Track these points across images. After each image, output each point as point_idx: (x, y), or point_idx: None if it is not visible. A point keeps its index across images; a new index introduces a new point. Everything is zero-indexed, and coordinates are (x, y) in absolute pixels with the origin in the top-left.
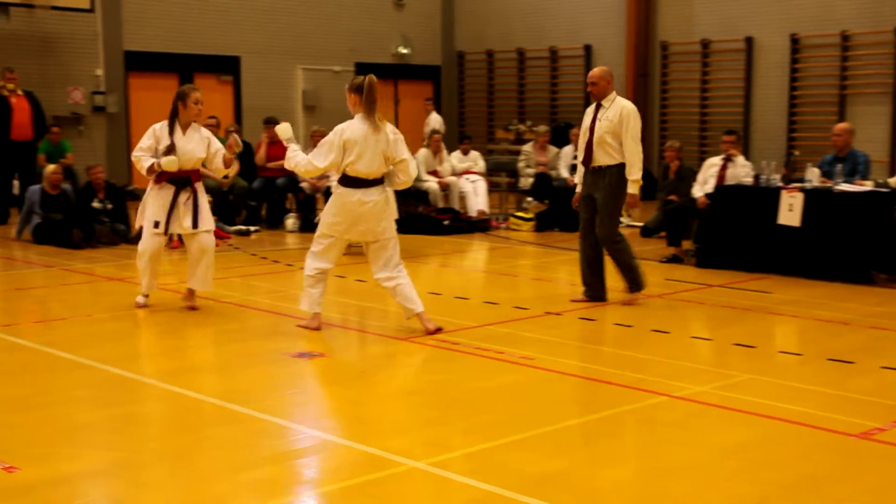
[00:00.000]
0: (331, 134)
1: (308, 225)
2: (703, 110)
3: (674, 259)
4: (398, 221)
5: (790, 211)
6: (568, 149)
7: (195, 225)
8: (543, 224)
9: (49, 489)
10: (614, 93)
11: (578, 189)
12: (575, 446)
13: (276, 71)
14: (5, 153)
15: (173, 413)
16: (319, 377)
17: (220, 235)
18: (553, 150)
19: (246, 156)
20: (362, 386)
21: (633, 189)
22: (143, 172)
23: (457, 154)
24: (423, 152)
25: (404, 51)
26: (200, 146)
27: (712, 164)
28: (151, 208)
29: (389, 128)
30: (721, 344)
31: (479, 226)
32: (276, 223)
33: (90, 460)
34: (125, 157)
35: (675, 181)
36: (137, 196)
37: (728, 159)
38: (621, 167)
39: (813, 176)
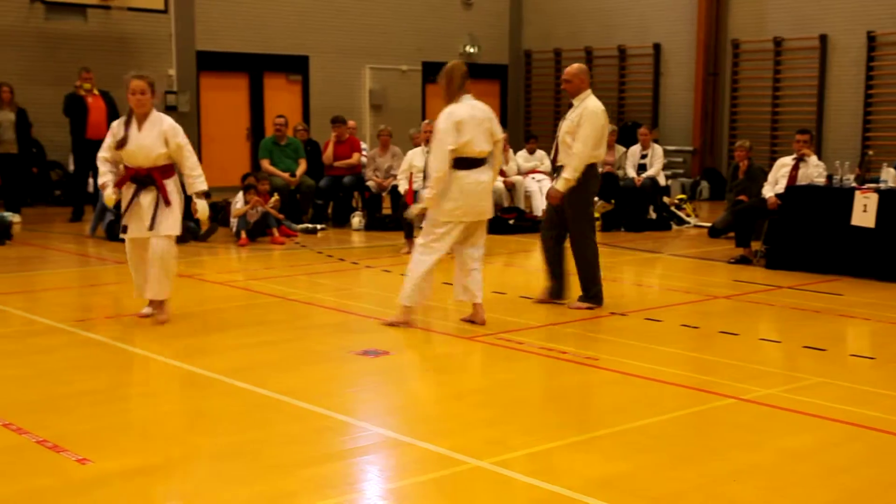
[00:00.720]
0: (440, 122)
1: (374, 223)
2: (775, 109)
3: (742, 260)
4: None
5: (864, 212)
6: (635, 148)
7: (151, 227)
8: (609, 224)
9: (121, 481)
10: (587, 92)
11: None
12: (639, 449)
13: (343, 70)
14: (81, 152)
15: (240, 409)
16: (384, 375)
17: (286, 233)
18: (620, 149)
19: (313, 155)
20: (426, 384)
21: (559, 184)
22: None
23: (523, 153)
24: None
25: (472, 50)
26: (158, 141)
27: (784, 164)
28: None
29: (486, 106)
30: (790, 346)
31: None
32: (342, 221)
33: (161, 454)
34: (196, 156)
35: (744, 181)
36: (208, 194)
37: (800, 159)
38: (586, 167)
39: (888, 176)
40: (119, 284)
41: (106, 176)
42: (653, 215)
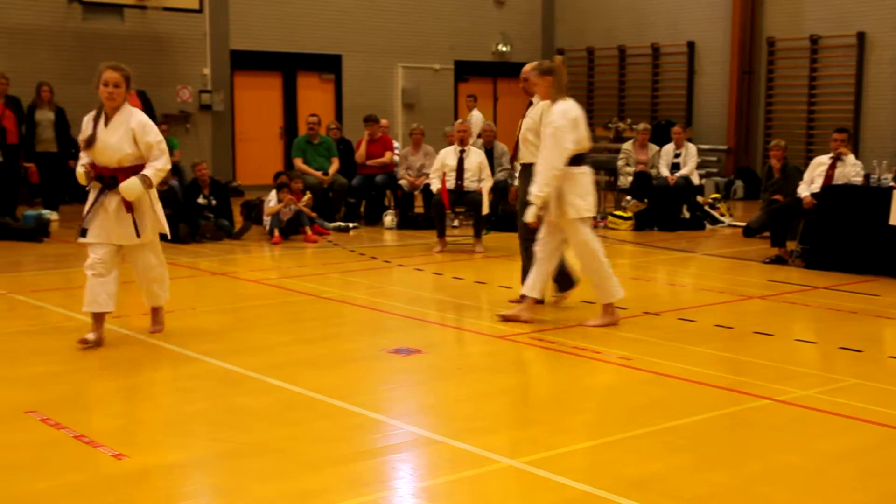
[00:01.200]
0: (557, 119)
1: (406, 221)
2: (811, 108)
3: (777, 260)
4: (496, 220)
5: None
6: (668, 147)
7: (138, 234)
8: (642, 223)
9: (156, 477)
10: None
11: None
12: (673, 449)
13: (376, 69)
14: None
15: (274, 406)
16: (416, 373)
17: (319, 232)
18: (653, 148)
19: (346, 153)
20: (458, 383)
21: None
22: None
23: None
24: None
25: (504, 48)
26: (125, 140)
27: (820, 164)
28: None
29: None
30: (826, 347)
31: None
32: (374, 220)
33: (195, 450)
34: (230, 155)
35: (780, 180)
36: (241, 192)
37: (837, 158)
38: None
39: None
40: None
41: (84, 158)
42: (686, 215)
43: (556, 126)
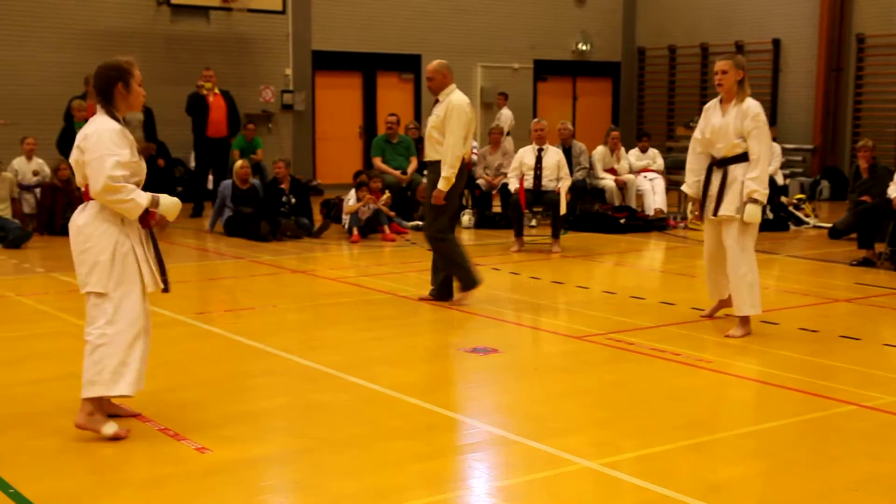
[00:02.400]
0: (762, 115)
1: (483, 221)
2: None
3: (865, 262)
4: (574, 219)
5: None
6: None
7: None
8: None
9: (237, 470)
10: (452, 86)
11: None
12: (754, 454)
13: (455, 69)
14: (202, 149)
15: (351, 403)
16: (493, 373)
17: (397, 230)
18: None
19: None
20: (535, 383)
21: (441, 184)
22: (133, 215)
23: (635, 151)
24: (600, 149)
25: (584, 47)
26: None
27: None
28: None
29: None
30: None
31: (656, 225)
32: None
33: (274, 445)
34: (310, 154)
35: (868, 181)
36: (321, 191)
37: None
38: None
39: None
40: (237, 279)
41: (139, 195)
42: (769, 215)
43: (764, 123)
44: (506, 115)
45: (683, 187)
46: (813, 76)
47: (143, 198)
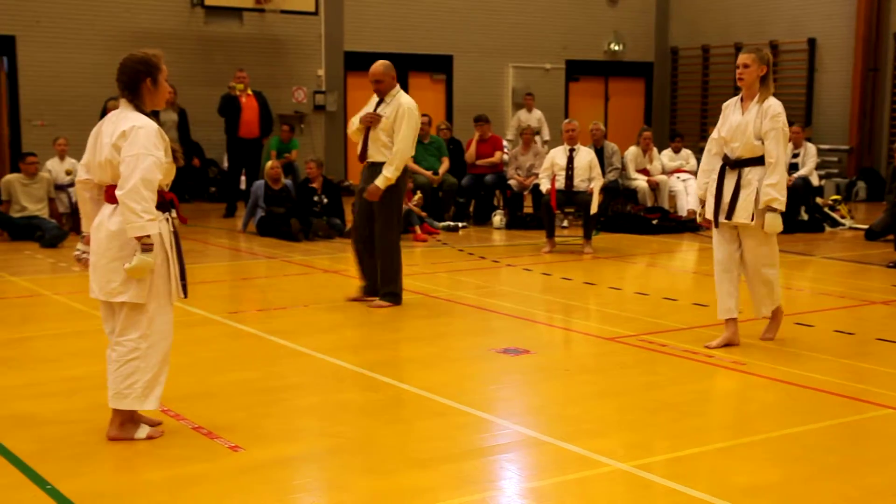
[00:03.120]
0: (783, 116)
1: (515, 221)
2: None
3: None
4: (606, 220)
5: None
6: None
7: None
8: None
9: (270, 469)
10: (397, 88)
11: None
12: (788, 457)
13: (487, 69)
14: (234, 150)
15: (382, 403)
16: (524, 374)
17: (429, 231)
18: None
19: (456, 153)
20: (567, 384)
21: (379, 181)
22: (132, 232)
23: (667, 152)
24: (632, 150)
25: (616, 47)
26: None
27: None
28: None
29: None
30: None
31: (688, 226)
32: (483, 219)
33: (307, 444)
34: (342, 154)
35: None
36: (352, 192)
37: None
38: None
39: None
40: (269, 279)
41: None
42: (804, 216)
43: (783, 122)
44: (534, 116)
45: (696, 190)
46: (849, 76)
47: (153, 229)
